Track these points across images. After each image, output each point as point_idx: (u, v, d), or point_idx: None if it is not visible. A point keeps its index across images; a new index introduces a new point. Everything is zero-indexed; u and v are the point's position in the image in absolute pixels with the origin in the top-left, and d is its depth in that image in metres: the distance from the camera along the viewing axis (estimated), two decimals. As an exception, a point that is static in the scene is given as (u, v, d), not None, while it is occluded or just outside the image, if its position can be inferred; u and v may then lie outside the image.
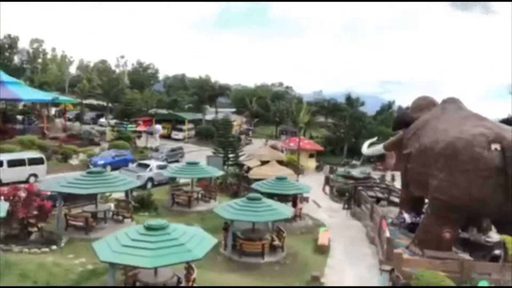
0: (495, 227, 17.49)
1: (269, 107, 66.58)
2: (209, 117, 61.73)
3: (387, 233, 17.00)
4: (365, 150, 27.68)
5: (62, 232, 16.58)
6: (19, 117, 42.08)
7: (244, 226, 17.43)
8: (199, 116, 60.68)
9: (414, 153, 18.56)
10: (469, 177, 15.27)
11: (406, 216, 19.89)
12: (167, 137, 50.53)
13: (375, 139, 30.39)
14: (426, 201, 19.34)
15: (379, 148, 24.81)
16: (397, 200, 24.56)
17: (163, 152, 38.12)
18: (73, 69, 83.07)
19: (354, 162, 46.05)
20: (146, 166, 28.73)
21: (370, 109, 62.52)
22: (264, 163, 31.44)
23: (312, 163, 43.70)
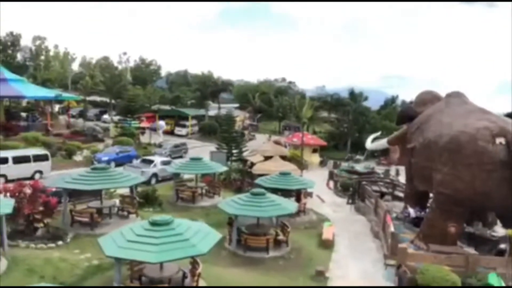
0: (500, 221, 17.46)
1: (272, 103, 66.52)
2: (212, 113, 61.74)
3: (392, 228, 17.01)
4: (369, 144, 27.65)
5: (67, 227, 16.68)
6: (23, 114, 42.18)
7: (248, 221, 17.47)
8: (202, 112, 60.73)
9: (418, 147, 18.49)
10: (473, 171, 15.20)
11: (410, 210, 19.84)
12: (170, 133, 50.71)
13: (378, 133, 30.36)
14: (430, 195, 19.30)
15: (383, 142, 24.76)
16: (401, 194, 24.54)
17: (167, 148, 38.27)
18: (75, 66, 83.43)
19: (358, 157, 45.97)
20: (150, 162, 28.82)
21: (373, 103, 62.19)
22: (267, 158, 31.47)
23: (315, 158, 43.68)
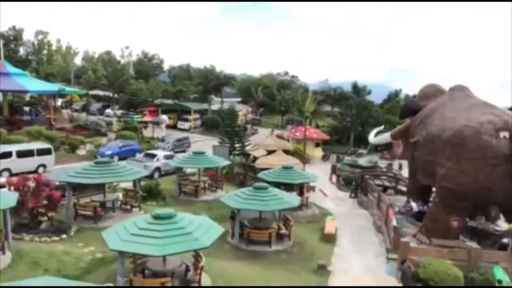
0: (504, 215, 17.41)
1: (274, 97, 66.28)
2: (214, 107, 61.66)
3: (394, 222, 17.01)
4: (372, 138, 27.57)
5: (71, 221, 16.81)
6: (26, 108, 42.26)
7: (251, 215, 17.52)
8: (205, 106, 60.66)
9: (421, 141, 18.42)
10: (476, 165, 15.13)
11: (413, 204, 19.83)
12: (173, 127, 50.69)
13: (382, 127, 30.24)
14: (433, 189, 19.27)
15: (386, 136, 24.69)
16: (404, 188, 24.52)
17: (170, 142, 38.28)
18: (78, 60, 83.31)
19: (360, 151, 45.81)
20: (153, 156, 28.88)
21: (377, 97, 61.71)
22: (270, 152, 31.44)
23: (318, 152, 43.61)
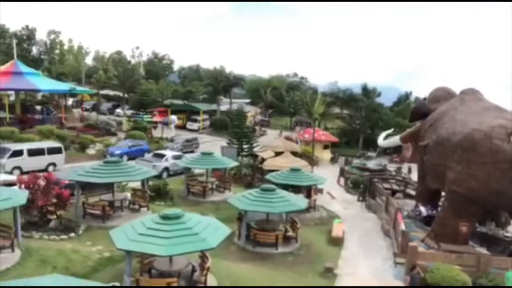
0: (514, 221, 17.17)
1: (283, 98, 66.24)
2: (223, 108, 61.86)
3: (403, 226, 16.85)
4: (381, 141, 27.36)
5: (80, 220, 16.95)
6: (38, 107, 42.86)
7: (258, 216, 17.51)
8: (214, 107, 60.88)
9: (431, 144, 18.25)
10: (487, 169, 14.95)
11: (422, 209, 19.64)
12: (182, 127, 50.98)
13: (391, 130, 30.01)
14: (442, 194, 19.06)
15: (396, 139, 24.48)
16: (413, 192, 24.29)
17: (178, 142, 38.51)
18: (89, 60, 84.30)
19: (369, 153, 45.52)
20: (161, 156, 29.05)
21: (386, 100, 61.26)
22: (278, 154, 31.41)
23: (327, 154, 43.45)
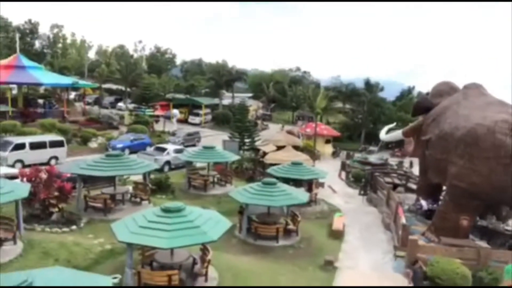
0: (515, 215, 17.16)
1: (286, 92, 66.07)
2: (225, 102, 61.77)
3: (403, 220, 16.87)
4: (383, 136, 27.31)
5: (81, 213, 17.05)
6: (40, 101, 42.88)
7: (259, 210, 17.57)
8: (216, 101, 60.83)
9: (433, 139, 18.21)
10: (490, 164, 14.91)
11: (423, 202, 19.66)
12: (184, 121, 50.95)
13: (393, 124, 29.93)
14: (443, 188, 19.04)
15: (398, 134, 24.43)
16: (414, 186, 24.29)
17: (180, 136, 38.51)
18: (92, 54, 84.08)
19: (371, 148, 45.44)
20: (163, 149, 29.09)
21: (389, 94, 61.10)
22: (280, 148, 31.40)
23: (328, 148, 43.41)
